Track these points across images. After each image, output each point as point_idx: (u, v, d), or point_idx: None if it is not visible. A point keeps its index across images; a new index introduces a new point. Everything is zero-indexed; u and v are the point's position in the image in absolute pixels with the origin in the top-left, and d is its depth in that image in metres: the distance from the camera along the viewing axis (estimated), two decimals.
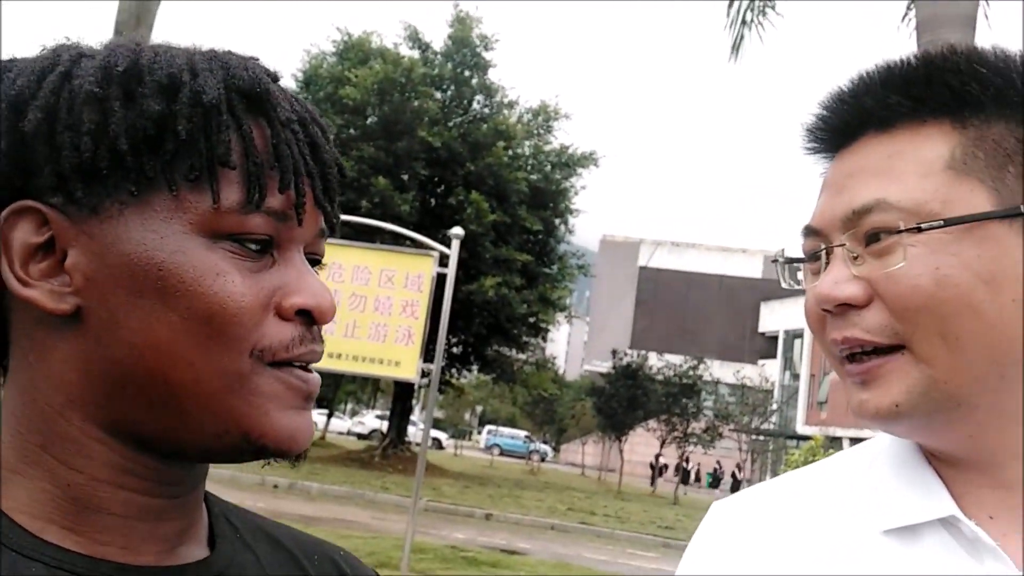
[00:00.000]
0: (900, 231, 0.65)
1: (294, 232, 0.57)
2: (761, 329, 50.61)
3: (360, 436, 37.50)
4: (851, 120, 0.71)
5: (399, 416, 25.62)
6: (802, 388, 41.88)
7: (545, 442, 48.23)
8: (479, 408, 51.51)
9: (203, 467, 0.60)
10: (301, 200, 0.57)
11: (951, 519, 0.68)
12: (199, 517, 0.61)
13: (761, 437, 37.31)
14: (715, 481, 40.17)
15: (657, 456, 36.13)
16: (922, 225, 0.65)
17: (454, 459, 33.53)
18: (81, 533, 0.54)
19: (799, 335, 43.91)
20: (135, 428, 0.54)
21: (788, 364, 45.31)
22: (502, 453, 44.05)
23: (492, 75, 25.25)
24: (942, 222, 0.65)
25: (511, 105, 25.18)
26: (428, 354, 7.73)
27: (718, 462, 39.85)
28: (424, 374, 7.65)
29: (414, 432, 30.24)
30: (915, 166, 0.67)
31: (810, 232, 0.73)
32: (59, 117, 0.53)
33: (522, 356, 26.37)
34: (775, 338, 47.70)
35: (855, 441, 0.88)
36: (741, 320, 52.28)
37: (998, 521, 0.67)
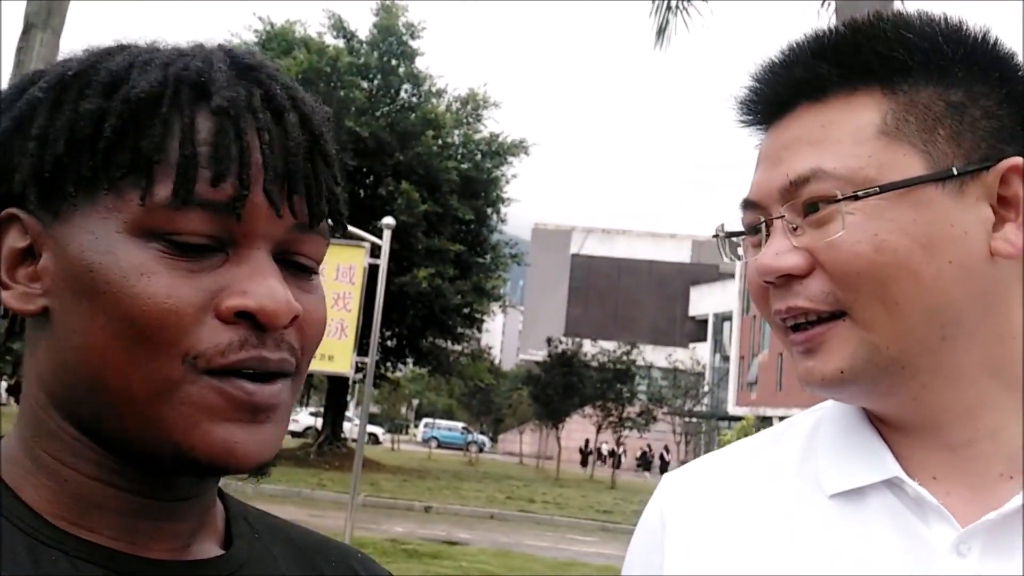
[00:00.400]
0: (838, 199, 0.65)
1: (245, 228, 0.53)
2: (691, 313, 51.64)
3: (294, 434, 36.90)
4: (783, 91, 0.71)
5: (334, 412, 25.30)
6: (732, 370, 42.90)
7: (482, 433, 48.31)
8: (415, 401, 51.27)
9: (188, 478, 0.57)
10: (242, 193, 0.52)
11: (895, 480, 0.69)
12: (212, 517, 0.60)
13: (694, 419, 38.12)
14: (646, 464, 40.71)
15: (587, 442, 36.56)
16: (859, 193, 0.65)
17: (391, 454, 33.34)
18: (91, 529, 0.54)
19: (728, 318, 44.90)
20: (92, 431, 0.55)
21: (718, 347, 46.36)
22: (440, 445, 44.00)
23: (419, 63, 25.05)
24: (878, 188, 0.65)
25: (439, 94, 25.03)
26: (362, 347, 7.61)
27: (648, 445, 40.41)
28: (359, 368, 7.53)
29: (349, 428, 29.90)
30: (849, 134, 0.67)
31: (748, 205, 0.72)
32: (19, 125, 0.55)
33: (458, 347, 26.29)
34: (705, 321, 48.74)
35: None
36: (672, 305, 53.24)
37: (941, 481, 0.68)
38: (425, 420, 50.12)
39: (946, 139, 0.66)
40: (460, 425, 47.05)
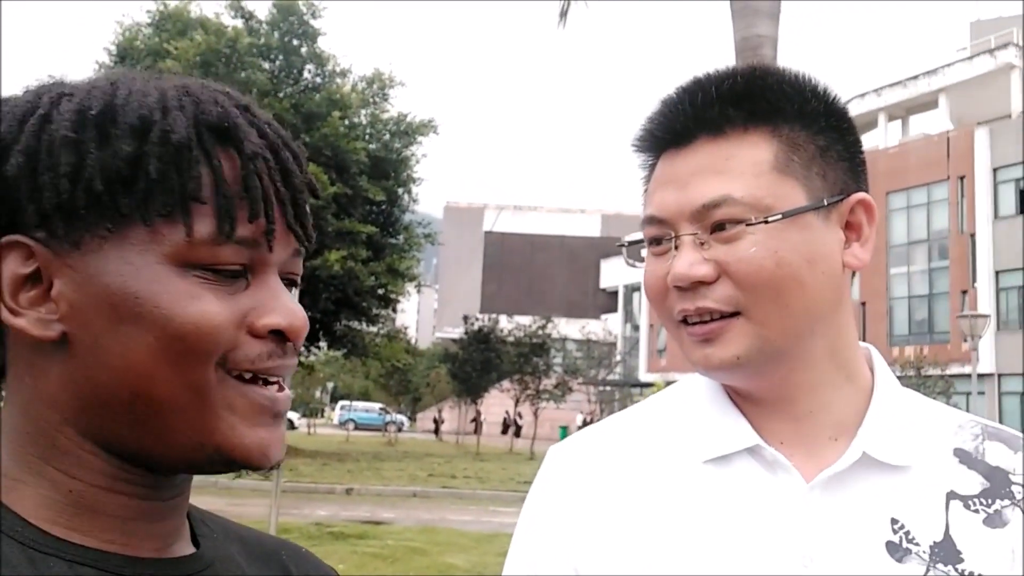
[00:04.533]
0: (752, 223, 0.80)
1: (267, 256, 0.61)
2: (602, 285, 52.54)
3: None
4: (687, 124, 0.84)
5: None
6: (642, 338, 43.98)
7: (400, 412, 48.12)
8: (330, 384, 50.59)
9: (180, 477, 0.64)
10: (271, 228, 0.60)
11: (755, 448, 0.85)
12: (184, 518, 0.66)
13: (608, 388, 38.96)
14: (507, 429, 39.55)
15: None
16: (769, 218, 0.80)
17: (308, 438, 32.94)
18: (86, 533, 0.58)
19: (637, 289, 45.86)
20: (122, 443, 0.59)
21: (629, 316, 47.39)
22: (357, 427, 43.57)
23: (322, 43, 24.57)
24: (781, 215, 0.80)
25: (344, 74, 24.61)
26: None
27: (518, 413, 39.88)
28: None
29: None
30: (749, 167, 0.81)
31: (654, 221, 0.85)
32: (40, 159, 0.57)
33: (373, 329, 26.13)
34: (615, 293, 49.70)
35: None
36: (583, 278, 54.04)
37: (787, 445, 0.85)
38: (341, 402, 49.46)
39: (817, 175, 0.82)
40: (377, 406, 46.63)
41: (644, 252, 0.90)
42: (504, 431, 34.85)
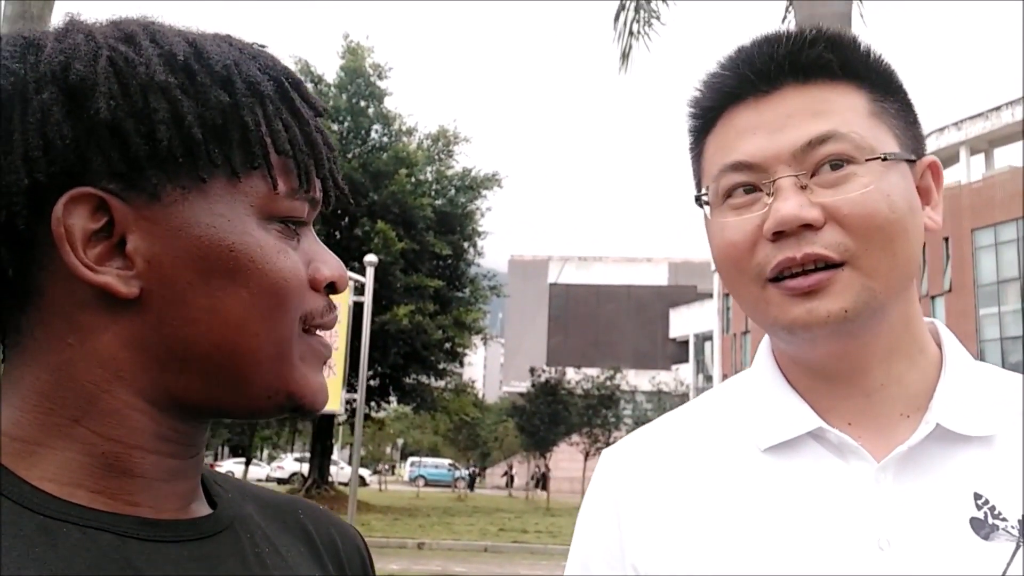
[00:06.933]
0: (864, 161, 0.75)
1: (314, 211, 0.63)
2: (672, 335, 51.85)
3: (280, 481, 36.49)
4: (783, 66, 0.79)
5: (320, 455, 25.05)
6: None
7: (469, 468, 47.92)
8: (400, 441, 50.78)
9: (207, 428, 0.63)
10: (328, 183, 0.62)
11: (819, 431, 0.79)
12: (199, 477, 0.64)
13: None
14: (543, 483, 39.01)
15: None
16: (887, 156, 0.76)
17: (380, 494, 32.98)
18: (111, 495, 0.55)
19: (708, 338, 45.20)
20: (186, 397, 0.57)
21: (700, 367, 46.56)
22: (427, 484, 43.56)
23: (388, 103, 25.29)
24: (894, 155, 0.77)
25: (410, 132, 25.23)
26: (349, 386, 7.63)
27: (546, 465, 39.04)
28: (350, 408, 7.54)
29: (335, 471, 29.59)
30: (847, 109, 0.78)
31: (741, 167, 0.78)
32: (131, 105, 0.54)
33: (441, 383, 26.19)
34: (686, 343, 48.95)
35: None
36: (652, 328, 53.43)
37: (855, 426, 0.79)
38: (411, 459, 49.63)
39: (902, 130, 0.80)
40: (447, 462, 46.65)
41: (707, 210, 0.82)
42: (534, 484, 34.30)
